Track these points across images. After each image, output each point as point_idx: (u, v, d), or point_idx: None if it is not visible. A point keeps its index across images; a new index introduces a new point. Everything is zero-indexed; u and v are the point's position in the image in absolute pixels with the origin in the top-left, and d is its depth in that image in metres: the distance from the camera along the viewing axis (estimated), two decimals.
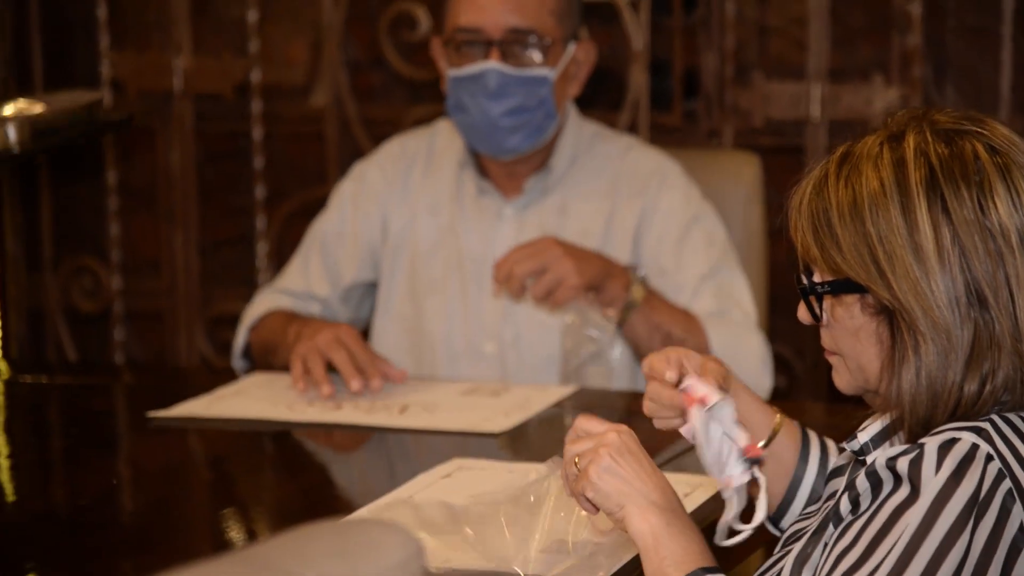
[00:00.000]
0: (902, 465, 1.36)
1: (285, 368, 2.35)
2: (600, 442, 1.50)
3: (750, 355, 2.40)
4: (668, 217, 2.47)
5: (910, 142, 1.41)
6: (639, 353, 2.40)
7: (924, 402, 1.39)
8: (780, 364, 3.24)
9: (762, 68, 3.24)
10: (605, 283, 2.34)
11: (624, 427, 1.52)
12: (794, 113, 3.17)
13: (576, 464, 1.50)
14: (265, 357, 2.50)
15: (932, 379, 1.39)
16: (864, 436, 1.47)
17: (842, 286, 1.43)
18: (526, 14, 2.40)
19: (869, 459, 1.44)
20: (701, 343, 2.37)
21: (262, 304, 2.57)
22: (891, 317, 1.40)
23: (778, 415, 1.65)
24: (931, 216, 1.38)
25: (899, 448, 1.38)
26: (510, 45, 2.40)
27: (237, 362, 2.57)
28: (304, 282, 2.58)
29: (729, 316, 2.43)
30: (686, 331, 2.37)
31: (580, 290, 2.31)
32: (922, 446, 1.36)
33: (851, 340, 1.44)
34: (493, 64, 2.39)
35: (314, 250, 2.59)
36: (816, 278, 1.46)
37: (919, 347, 1.38)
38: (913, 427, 1.40)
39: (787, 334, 3.20)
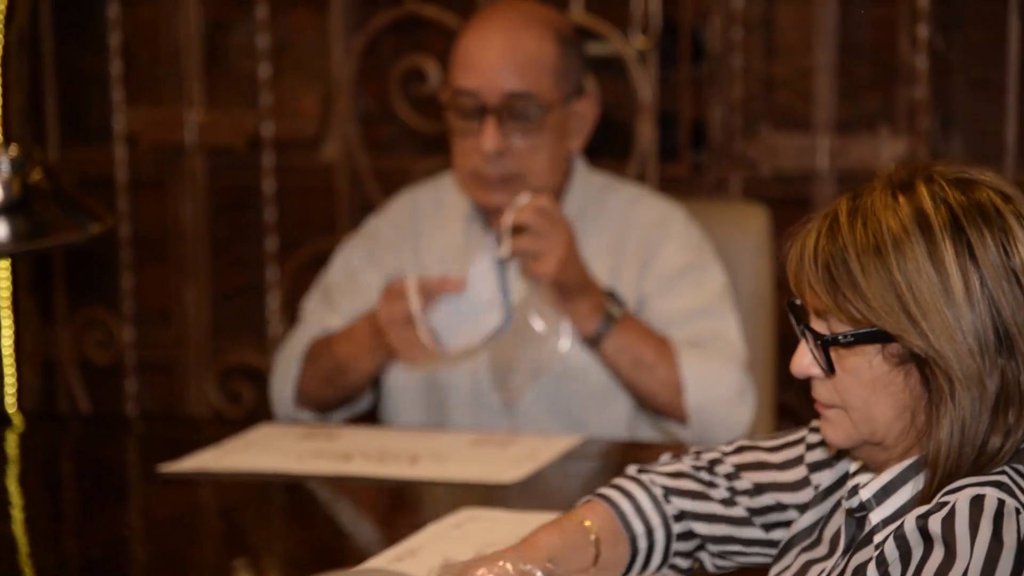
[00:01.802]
0: (934, 526, 1.33)
1: (359, 378, 2.44)
2: None
3: (724, 385, 2.38)
4: (664, 263, 2.47)
5: (923, 190, 1.40)
6: (612, 375, 2.40)
7: (956, 451, 1.37)
8: (789, 414, 3.24)
9: (769, 120, 3.25)
10: (577, 296, 2.33)
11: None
12: (802, 164, 3.19)
13: None
14: (331, 378, 2.48)
15: (965, 427, 1.37)
16: (866, 493, 1.44)
17: (869, 336, 1.39)
18: (524, 77, 2.40)
19: (873, 517, 1.43)
20: (672, 370, 2.36)
21: (294, 349, 2.56)
22: (920, 365, 1.38)
23: (586, 522, 1.62)
24: (959, 261, 1.37)
25: (926, 506, 1.35)
26: (508, 109, 2.41)
27: (289, 409, 2.53)
28: (326, 325, 2.56)
29: (711, 347, 2.42)
30: (657, 356, 2.36)
31: (549, 277, 2.30)
32: (949, 504, 1.34)
33: (864, 391, 1.41)
34: (489, 128, 2.40)
35: (327, 301, 2.59)
36: (821, 328, 1.43)
37: (955, 394, 1.36)
38: (942, 479, 1.38)
39: (796, 383, 3.18)
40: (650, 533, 1.63)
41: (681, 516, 1.65)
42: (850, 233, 1.40)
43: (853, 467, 1.52)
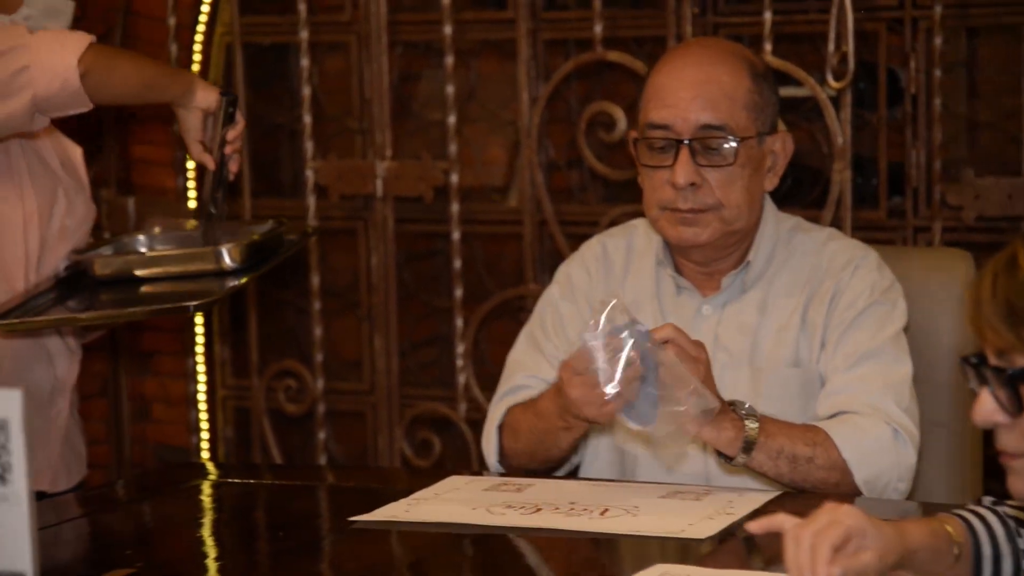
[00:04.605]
0: None
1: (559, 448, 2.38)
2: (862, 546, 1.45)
3: (881, 446, 2.29)
4: (850, 302, 2.41)
5: None
6: (775, 481, 2.30)
7: None
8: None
9: (972, 163, 3.15)
10: (720, 417, 2.20)
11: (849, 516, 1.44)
12: (1009, 209, 3.07)
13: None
14: (533, 453, 2.45)
15: None
16: None
17: None
18: (718, 110, 2.37)
19: None
20: (831, 451, 2.27)
21: (495, 414, 2.52)
22: None
23: (949, 528, 1.61)
24: None
25: None
26: (701, 141, 2.37)
27: (494, 465, 2.51)
28: (534, 374, 2.52)
29: (855, 396, 2.33)
30: (811, 445, 2.27)
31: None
32: None
33: None
34: (683, 160, 2.36)
35: (535, 348, 2.56)
36: (999, 364, 1.39)
37: None
38: None
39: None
40: (998, 560, 1.62)
41: None
42: None
43: None
